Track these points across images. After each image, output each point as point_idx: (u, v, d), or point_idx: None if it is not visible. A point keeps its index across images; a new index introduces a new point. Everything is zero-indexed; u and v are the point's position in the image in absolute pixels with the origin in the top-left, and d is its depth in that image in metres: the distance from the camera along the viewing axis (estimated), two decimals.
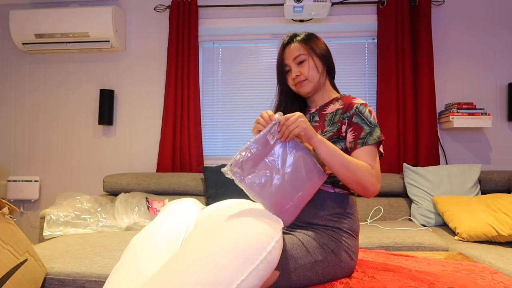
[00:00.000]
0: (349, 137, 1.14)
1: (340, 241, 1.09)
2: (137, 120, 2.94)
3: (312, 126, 1.22)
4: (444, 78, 2.75)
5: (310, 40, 1.24)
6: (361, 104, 1.16)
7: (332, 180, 1.15)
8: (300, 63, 1.23)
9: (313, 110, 1.28)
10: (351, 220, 1.14)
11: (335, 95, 1.28)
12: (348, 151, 1.14)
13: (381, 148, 1.16)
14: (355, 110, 1.14)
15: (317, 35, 1.28)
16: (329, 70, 1.27)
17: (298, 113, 1.02)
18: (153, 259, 0.96)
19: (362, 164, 1.05)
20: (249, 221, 0.91)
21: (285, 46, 1.26)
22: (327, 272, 1.06)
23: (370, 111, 1.14)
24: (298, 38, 1.25)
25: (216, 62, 3.00)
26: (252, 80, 2.97)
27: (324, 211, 1.12)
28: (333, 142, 1.14)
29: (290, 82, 1.26)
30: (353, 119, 1.14)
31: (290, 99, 1.31)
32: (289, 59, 1.24)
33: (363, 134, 1.11)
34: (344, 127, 1.16)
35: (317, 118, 1.24)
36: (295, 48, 1.23)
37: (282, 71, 1.27)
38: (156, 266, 0.94)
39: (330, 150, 1.03)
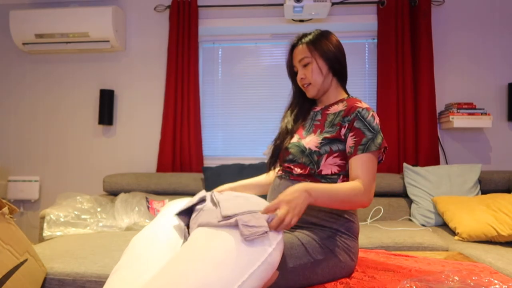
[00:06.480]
0: (350, 141, 1.12)
1: (338, 242, 1.10)
2: (137, 120, 2.94)
3: (313, 124, 1.23)
4: (444, 78, 2.75)
5: (316, 41, 1.21)
6: (363, 108, 1.13)
7: (329, 180, 1.14)
8: (305, 65, 1.22)
9: (317, 108, 1.28)
10: (349, 222, 1.14)
11: (342, 96, 1.26)
12: (347, 155, 1.14)
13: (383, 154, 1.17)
14: (357, 114, 1.12)
15: (329, 35, 1.24)
16: (337, 71, 1.24)
17: (287, 212, 0.92)
18: (153, 259, 0.96)
19: (353, 187, 1.04)
20: None
21: (293, 47, 1.26)
22: (327, 272, 1.06)
23: (373, 116, 1.12)
24: (306, 39, 1.23)
25: (216, 62, 3.00)
26: (252, 80, 2.96)
27: (321, 212, 1.12)
28: (329, 143, 1.14)
29: (299, 83, 1.28)
30: (355, 123, 1.12)
31: (301, 98, 1.32)
32: (296, 61, 1.24)
33: (364, 140, 1.09)
34: (343, 130, 1.13)
35: (319, 117, 1.24)
36: (301, 51, 1.22)
37: (292, 71, 1.29)
38: (156, 266, 0.94)
39: (326, 199, 1.00)
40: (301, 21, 2.83)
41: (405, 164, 2.46)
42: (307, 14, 2.65)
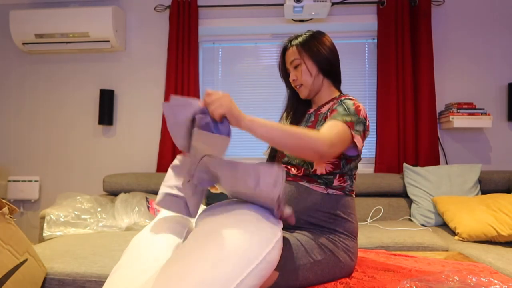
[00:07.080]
0: None
1: (338, 242, 1.09)
2: (137, 120, 2.94)
3: (307, 126, 1.23)
4: (444, 78, 2.75)
5: (306, 43, 1.22)
6: (348, 98, 1.15)
7: (325, 180, 1.14)
8: (296, 67, 1.24)
9: (311, 110, 1.28)
10: (348, 222, 1.13)
11: (335, 95, 1.27)
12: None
13: (356, 140, 1.07)
14: (339, 101, 1.15)
15: (321, 36, 1.24)
16: (328, 72, 1.24)
17: (222, 93, 0.95)
18: (153, 259, 0.96)
19: (310, 131, 1.00)
20: (249, 221, 0.91)
21: (284, 50, 1.29)
22: (326, 272, 1.06)
23: (354, 104, 1.11)
24: (296, 41, 1.25)
25: (216, 62, 3.00)
26: (252, 80, 2.96)
27: (318, 212, 1.12)
28: None
29: (292, 85, 1.29)
30: (334, 106, 1.15)
31: (296, 101, 1.33)
32: (287, 63, 1.27)
33: (335, 114, 1.10)
34: (327, 119, 1.15)
35: (312, 118, 1.24)
36: (291, 53, 1.25)
37: (285, 74, 1.31)
38: (156, 266, 0.94)
39: (266, 125, 0.97)
40: (301, 21, 2.83)
41: (405, 164, 2.46)
42: (307, 14, 2.66)
